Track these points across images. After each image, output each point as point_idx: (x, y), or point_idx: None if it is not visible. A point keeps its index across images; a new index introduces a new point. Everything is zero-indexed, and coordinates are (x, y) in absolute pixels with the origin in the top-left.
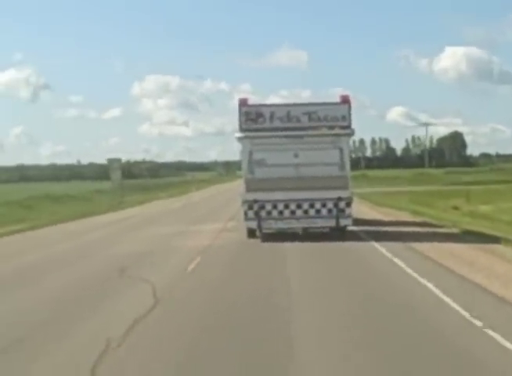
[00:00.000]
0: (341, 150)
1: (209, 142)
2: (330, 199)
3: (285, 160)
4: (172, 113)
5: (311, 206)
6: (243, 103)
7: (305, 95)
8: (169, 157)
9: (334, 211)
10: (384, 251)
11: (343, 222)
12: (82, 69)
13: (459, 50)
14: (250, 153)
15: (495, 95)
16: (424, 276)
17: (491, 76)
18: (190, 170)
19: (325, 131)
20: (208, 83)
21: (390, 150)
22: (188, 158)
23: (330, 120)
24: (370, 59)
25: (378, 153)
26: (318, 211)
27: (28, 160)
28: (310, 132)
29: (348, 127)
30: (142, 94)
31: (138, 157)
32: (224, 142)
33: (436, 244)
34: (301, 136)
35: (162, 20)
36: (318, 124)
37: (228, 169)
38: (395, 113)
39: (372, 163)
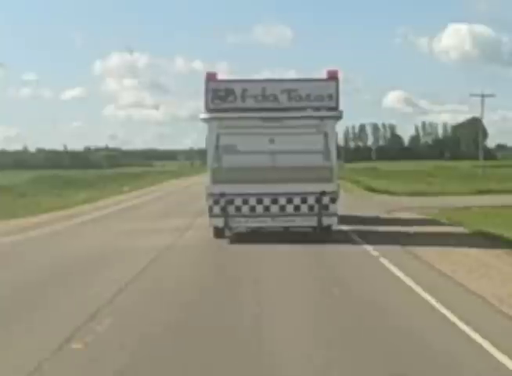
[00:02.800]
0: (326, 136)
1: (183, 127)
2: (312, 193)
3: (259, 146)
4: (140, 94)
5: (289, 201)
6: (210, 77)
7: (290, 76)
8: (138, 143)
9: (316, 208)
10: None
11: (326, 220)
12: (37, 44)
13: (464, 27)
14: (218, 138)
15: (505, 79)
16: None
17: (500, 57)
18: (163, 159)
19: (308, 112)
20: (180, 61)
21: (396, 139)
22: (160, 146)
23: (314, 99)
24: (363, 38)
25: (381, 142)
26: (297, 208)
27: None
28: (289, 114)
29: (336, 108)
30: (105, 73)
31: (102, 143)
32: (200, 128)
33: None
34: (279, 118)
35: None
36: (299, 104)
37: (204, 158)
38: (392, 99)
39: (372, 153)
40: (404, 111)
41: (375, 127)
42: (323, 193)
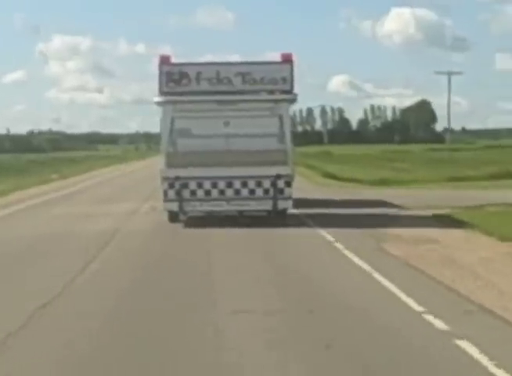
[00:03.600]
0: (281, 119)
1: (127, 111)
2: (267, 177)
3: (213, 129)
4: (84, 77)
5: (244, 185)
6: (164, 60)
7: (235, 60)
8: (83, 127)
9: (271, 192)
10: None
11: (281, 204)
12: None
13: (406, 11)
14: (172, 121)
15: (449, 63)
16: None
17: (443, 41)
18: (107, 142)
19: (262, 95)
20: (124, 45)
21: (344, 122)
22: (104, 129)
23: (268, 82)
24: (306, 21)
25: (329, 126)
26: (252, 192)
27: None
28: (244, 97)
29: (290, 91)
30: (47, 56)
31: (46, 127)
32: (146, 112)
33: None
34: (233, 102)
35: None
36: (253, 87)
37: (149, 142)
38: (337, 83)
39: (323, 137)
40: (349, 95)
41: (323, 110)
42: (278, 177)
